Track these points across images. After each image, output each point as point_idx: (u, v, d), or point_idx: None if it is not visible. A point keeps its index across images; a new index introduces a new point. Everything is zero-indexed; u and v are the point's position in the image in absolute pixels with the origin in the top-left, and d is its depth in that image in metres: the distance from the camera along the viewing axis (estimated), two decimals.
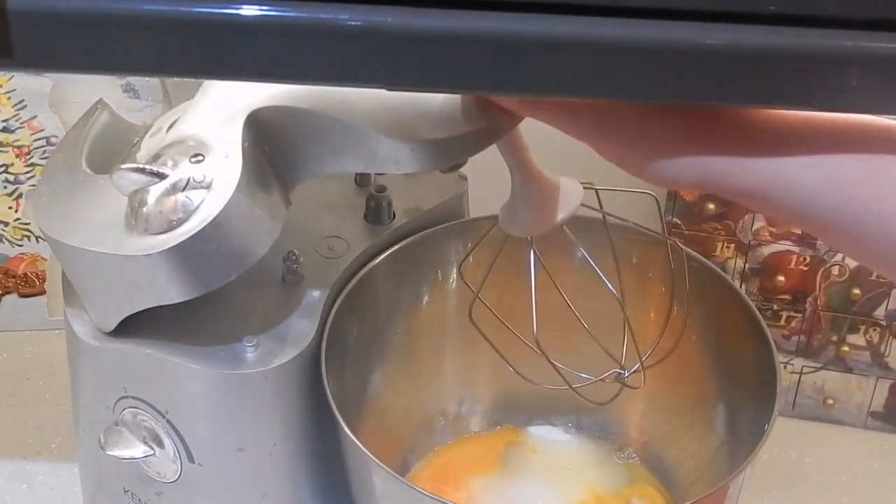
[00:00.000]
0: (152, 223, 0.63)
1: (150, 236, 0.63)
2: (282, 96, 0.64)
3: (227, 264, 0.64)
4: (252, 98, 0.64)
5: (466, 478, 0.81)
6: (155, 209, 0.62)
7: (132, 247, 0.63)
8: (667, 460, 0.83)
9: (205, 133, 0.64)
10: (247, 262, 0.65)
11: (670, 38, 0.46)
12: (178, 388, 0.68)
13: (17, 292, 0.97)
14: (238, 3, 0.47)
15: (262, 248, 0.65)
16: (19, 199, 0.94)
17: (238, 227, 0.63)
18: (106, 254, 0.64)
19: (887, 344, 0.89)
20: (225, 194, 0.62)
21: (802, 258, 0.88)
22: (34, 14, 0.47)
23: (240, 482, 0.71)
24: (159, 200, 0.62)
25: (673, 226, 0.88)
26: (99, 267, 0.65)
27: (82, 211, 0.67)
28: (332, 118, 0.63)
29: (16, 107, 0.90)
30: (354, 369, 0.77)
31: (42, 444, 0.90)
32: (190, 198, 0.62)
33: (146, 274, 0.64)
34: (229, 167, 0.62)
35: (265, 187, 0.65)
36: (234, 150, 0.63)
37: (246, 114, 0.64)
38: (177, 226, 0.62)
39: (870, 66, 0.46)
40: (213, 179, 0.63)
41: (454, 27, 0.47)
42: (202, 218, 0.62)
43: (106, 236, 0.64)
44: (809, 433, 0.93)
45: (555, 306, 0.75)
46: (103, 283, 0.66)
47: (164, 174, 0.62)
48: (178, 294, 0.64)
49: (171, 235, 0.62)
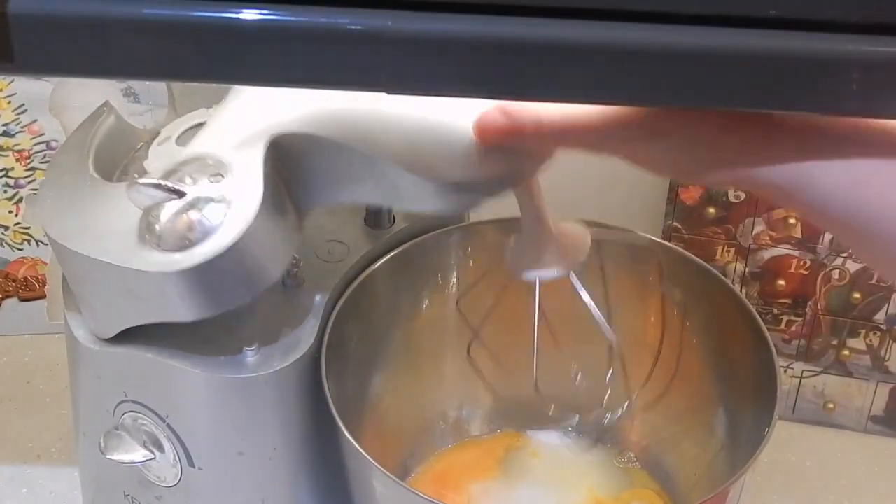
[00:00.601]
0: (166, 239, 0.62)
1: (163, 252, 0.62)
2: (305, 122, 0.63)
3: (241, 288, 0.64)
4: (274, 120, 0.64)
5: (467, 482, 0.81)
6: (171, 226, 0.62)
7: (144, 261, 0.62)
8: (667, 464, 0.83)
9: (224, 152, 0.64)
10: (260, 287, 0.65)
11: (674, 42, 0.46)
12: (178, 393, 0.68)
13: (17, 296, 0.97)
14: (238, 7, 0.47)
15: (276, 273, 0.65)
16: (19, 203, 0.94)
17: (255, 251, 0.63)
18: (114, 265, 0.63)
19: (887, 348, 0.89)
20: (245, 217, 0.62)
21: (803, 262, 0.88)
22: (35, 17, 0.47)
23: (240, 486, 0.71)
24: (176, 217, 0.62)
25: (673, 230, 0.88)
26: (105, 277, 0.65)
27: (90, 217, 0.67)
28: (357, 150, 0.63)
29: (16, 111, 0.91)
30: (355, 373, 0.77)
31: (42, 449, 0.90)
32: (208, 218, 0.62)
33: (156, 290, 0.63)
34: (249, 190, 0.62)
35: (282, 212, 0.65)
36: (255, 172, 0.63)
37: (268, 137, 0.63)
38: (192, 245, 0.62)
39: (872, 69, 0.46)
40: (233, 201, 0.62)
41: (455, 31, 0.47)
42: (221, 240, 0.61)
43: (115, 247, 0.64)
44: (810, 437, 0.93)
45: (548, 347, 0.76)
46: (108, 293, 0.66)
47: (183, 192, 0.62)
48: (187, 313, 0.64)
49: (188, 255, 0.62)
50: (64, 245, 0.66)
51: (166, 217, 0.62)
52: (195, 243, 0.62)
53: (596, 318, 0.73)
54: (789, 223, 0.86)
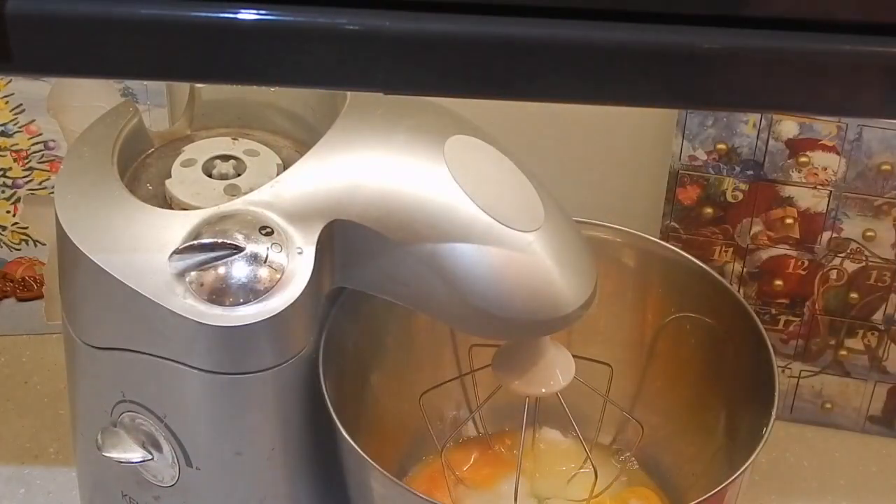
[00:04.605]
0: (210, 289, 0.63)
1: (202, 301, 0.63)
2: (370, 214, 0.65)
3: (268, 355, 0.66)
4: (338, 200, 0.65)
5: (465, 482, 0.81)
6: (218, 278, 0.63)
7: (180, 304, 0.63)
8: (665, 464, 0.83)
9: (279, 217, 0.65)
10: (285, 356, 0.66)
11: (670, 42, 0.46)
12: (176, 392, 0.68)
13: (14, 296, 0.97)
14: (236, 7, 0.47)
15: (304, 345, 0.67)
16: (17, 204, 0.94)
17: (292, 324, 0.65)
18: (144, 296, 0.64)
19: (885, 348, 0.89)
20: (293, 291, 0.63)
21: (800, 262, 0.88)
22: (33, 17, 0.47)
23: (238, 486, 0.71)
24: (227, 272, 0.63)
25: (671, 230, 0.88)
26: (126, 302, 0.65)
27: (119, 233, 0.66)
28: (417, 259, 0.65)
29: (14, 111, 0.90)
30: (352, 373, 0.77)
31: (40, 449, 0.90)
32: (259, 281, 0.63)
33: (183, 335, 0.64)
34: (300, 265, 0.64)
35: (322, 288, 0.67)
36: (309, 248, 0.64)
37: (329, 218, 0.65)
38: (236, 303, 0.63)
39: (869, 69, 0.46)
40: (284, 269, 0.64)
41: (453, 32, 0.47)
42: (266, 306, 0.63)
43: (149, 278, 0.64)
44: (807, 437, 0.93)
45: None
46: (121, 316, 0.66)
47: (242, 246, 0.63)
48: (204, 363, 0.65)
49: (231, 311, 0.63)
50: (88, 256, 0.65)
51: (218, 268, 0.63)
52: (240, 303, 0.63)
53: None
54: (787, 223, 0.86)
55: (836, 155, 0.83)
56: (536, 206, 0.67)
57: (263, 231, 0.64)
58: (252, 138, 0.76)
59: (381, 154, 0.67)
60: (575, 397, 0.75)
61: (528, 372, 0.72)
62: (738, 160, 0.85)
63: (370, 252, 0.66)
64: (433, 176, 0.66)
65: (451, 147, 0.67)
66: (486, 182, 0.67)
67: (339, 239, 0.66)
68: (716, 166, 0.85)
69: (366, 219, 0.65)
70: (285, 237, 0.65)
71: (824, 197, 0.85)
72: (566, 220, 0.70)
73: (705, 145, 0.85)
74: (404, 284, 0.67)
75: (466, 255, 0.65)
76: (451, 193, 0.65)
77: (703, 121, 0.84)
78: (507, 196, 0.67)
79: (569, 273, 0.67)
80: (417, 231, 0.65)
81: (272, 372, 0.68)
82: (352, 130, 0.68)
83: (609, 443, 0.84)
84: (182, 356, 0.65)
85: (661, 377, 0.83)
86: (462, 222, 0.65)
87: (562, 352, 0.73)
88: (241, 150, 0.74)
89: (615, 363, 0.80)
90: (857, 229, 0.85)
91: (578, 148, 0.93)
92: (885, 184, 0.83)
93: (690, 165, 0.86)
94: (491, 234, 0.65)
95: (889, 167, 0.82)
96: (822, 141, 0.83)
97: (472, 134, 0.69)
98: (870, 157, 0.82)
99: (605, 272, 0.72)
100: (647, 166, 0.92)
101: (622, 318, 0.83)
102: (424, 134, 0.68)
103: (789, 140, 0.83)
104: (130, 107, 0.75)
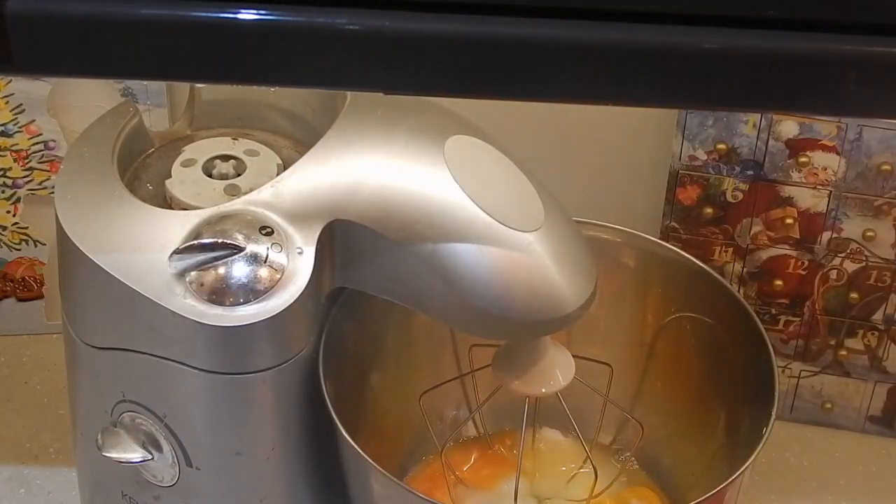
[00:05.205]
0: (209, 289, 0.63)
1: (202, 301, 0.63)
2: (371, 215, 0.65)
3: (267, 356, 0.66)
4: (338, 201, 0.65)
5: (465, 482, 0.81)
6: (218, 278, 0.63)
7: (181, 304, 0.63)
8: (665, 464, 0.83)
9: (278, 217, 0.65)
10: (284, 357, 0.66)
11: (670, 42, 0.46)
12: (176, 392, 0.68)
13: (14, 296, 0.97)
14: (236, 7, 0.47)
15: (303, 346, 0.67)
16: (17, 204, 0.94)
17: (292, 325, 0.65)
18: (145, 296, 0.64)
19: (885, 348, 0.89)
20: (292, 291, 0.64)
21: (800, 262, 0.88)
22: (33, 18, 0.47)
23: (238, 486, 0.71)
24: (227, 272, 0.63)
25: (671, 230, 0.88)
26: (125, 303, 0.65)
27: (119, 233, 0.66)
28: (417, 259, 0.65)
29: (14, 111, 0.90)
30: (352, 373, 0.77)
31: (40, 449, 0.90)
32: (259, 281, 0.63)
33: (183, 335, 0.64)
34: (300, 265, 0.64)
35: (321, 289, 0.67)
36: (309, 249, 0.64)
37: (329, 218, 0.65)
38: (236, 303, 0.63)
39: (869, 69, 0.46)
40: (284, 269, 0.64)
41: (453, 32, 0.47)
42: (265, 307, 0.63)
43: (150, 278, 0.64)
44: (807, 437, 0.93)
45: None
46: (121, 316, 0.66)
47: (242, 246, 0.63)
48: (202, 362, 0.65)
49: (230, 311, 0.63)
50: (88, 255, 0.65)
51: (218, 268, 0.63)
52: (240, 303, 0.63)
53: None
54: (787, 223, 0.86)
55: (836, 155, 0.83)
56: (536, 206, 0.67)
57: (263, 231, 0.65)
58: (252, 138, 0.76)
59: (381, 154, 0.67)
60: (575, 397, 0.75)
61: (528, 372, 0.72)
62: (738, 160, 0.85)
63: (370, 252, 0.66)
64: (433, 176, 0.66)
65: (452, 147, 0.67)
66: (486, 182, 0.67)
67: (340, 239, 0.66)
68: (716, 166, 0.85)
69: (366, 219, 0.65)
70: (285, 237, 0.65)
71: (824, 197, 0.85)
72: (566, 220, 0.70)
73: (705, 145, 0.85)
74: (404, 284, 0.67)
75: (466, 255, 0.65)
76: (452, 193, 0.65)
77: (703, 121, 0.84)
78: (507, 196, 0.67)
79: (569, 273, 0.67)
80: (417, 231, 0.65)
81: (272, 372, 0.68)
82: (352, 130, 0.68)
83: (609, 443, 0.85)
84: (182, 356, 0.65)
85: (661, 377, 0.83)
86: (462, 222, 0.65)
87: (562, 352, 0.73)
88: (241, 150, 0.74)
89: (615, 363, 0.80)
90: (857, 229, 0.85)
91: (578, 148, 0.93)
92: (885, 184, 0.83)
93: (690, 165, 0.86)
94: (491, 234, 0.65)
95: (889, 167, 0.82)
96: (822, 141, 0.83)
97: (472, 134, 0.69)
98: (870, 157, 0.82)
99: (605, 272, 0.72)
100: (647, 166, 0.92)
101: (622, 318, 0.83)
102: (424, 134, 0.68)
103: (789, 140, 0.83)
104: (130, 107, 0.75)
